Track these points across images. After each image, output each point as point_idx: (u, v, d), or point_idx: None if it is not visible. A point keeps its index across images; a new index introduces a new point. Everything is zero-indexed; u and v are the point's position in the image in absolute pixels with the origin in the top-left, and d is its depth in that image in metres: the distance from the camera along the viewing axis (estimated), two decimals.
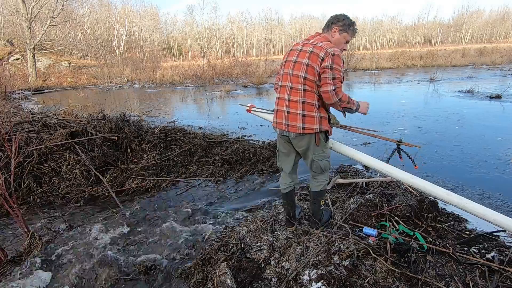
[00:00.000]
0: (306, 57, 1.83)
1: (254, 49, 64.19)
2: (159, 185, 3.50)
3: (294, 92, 1.88)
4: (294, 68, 1.88)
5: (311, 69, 1.81)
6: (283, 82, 1.95)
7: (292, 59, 1.91)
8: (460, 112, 6.48)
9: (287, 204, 2.25)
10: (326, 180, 2.13)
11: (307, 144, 1.95)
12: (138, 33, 48.14)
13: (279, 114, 1.97)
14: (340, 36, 1.94)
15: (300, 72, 1.85)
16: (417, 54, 23.18)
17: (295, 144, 1.99)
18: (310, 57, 1.82)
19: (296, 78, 1.86)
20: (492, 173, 3.46)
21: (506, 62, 18.78)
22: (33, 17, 17.89)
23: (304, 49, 1.87)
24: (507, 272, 1.63)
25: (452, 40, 65.55)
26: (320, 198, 2.16)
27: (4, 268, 2.05)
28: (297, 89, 1.87)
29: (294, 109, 1.88)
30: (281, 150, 2.15)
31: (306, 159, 2.06)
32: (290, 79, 1.90)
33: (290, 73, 1.90)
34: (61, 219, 2.75)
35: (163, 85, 16.31)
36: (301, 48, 1.90)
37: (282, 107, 1.94)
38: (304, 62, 1.83)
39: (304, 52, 1.86)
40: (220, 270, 1.77)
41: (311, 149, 1.97)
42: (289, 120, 1.90)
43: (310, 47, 1.85)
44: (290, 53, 1.95)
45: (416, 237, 1.97)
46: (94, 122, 4.16)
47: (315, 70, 1.80)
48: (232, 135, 5.10)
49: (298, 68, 1.85)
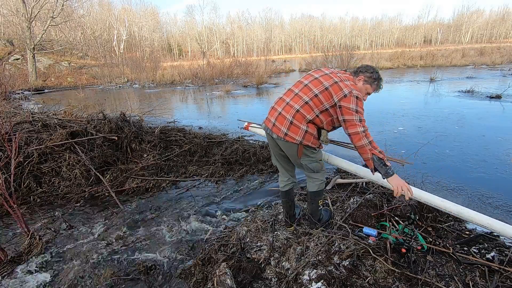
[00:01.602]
0: (329, 83, 1.82)
1: (254, 49, 64.21)
2: (159, 185, 3.50)
3: (297, 99, 1.88)
4: (311, 82, 1.88)
5: (327, 94, 1.80)
6: (292, 87, 1.97)
7: (314, 76, 1.91)
8: (460, 112, 6.48)
9: (285, 202, 2.25)
10: (322, 180, 2.10)
11: (291, 151, 1.94)
12: (138, 33, 48.17)
13: (271, 112, 1.98)
14: (363, 86, 1.94)
15: (315, 88, 1.84)
16: (417, 54, 23.18)
17: (281, 145, 1.98)
18: (332, 86, 1.80)
19: (307, 90, 1.86)
20: (492, 173, 3.46)
21: (506, 62, 18.78)
22: (33, 17, 17.89)
23: (331, 76, 1.86)
24: (507, 272, 1.63)
25: (452, 40, 65.58)
26: (317, 198, 2.14)
27: (4, 268, 2.05)
28: (301, 98, 1.86)
29: (286, 112, 1.88)
30: (272, 149, 2.13)
31: (294, 162, 2.07)
32: (301, 88, 1.90)
33: (304, 84, 1.91)
34: (61, 219, 2.75)
35: (163, 85, 16.31)
36: (328, 73, 1.89)
37: (278, 106, 1.95)
38: (325, 84, 1.82)
39: (330, 78, 1.84)
40: (220, 270, 1.77)
41: (296, 156, 1.96)
42: (277, 121, 1.90)
43: (337, 78, 1.84)
44: (305, 76, 1.97)
45: (416, 237, 1.97)
46: (94, 122, 4.16)
47: (331, 98, 1.78)
48: (232, 135, 5.10)
49: (316, 85, 1.85)
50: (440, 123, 5.74)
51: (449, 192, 3.06)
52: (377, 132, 5.36)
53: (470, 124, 5.58)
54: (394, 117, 6.39)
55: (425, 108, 7.26)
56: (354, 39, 71.16)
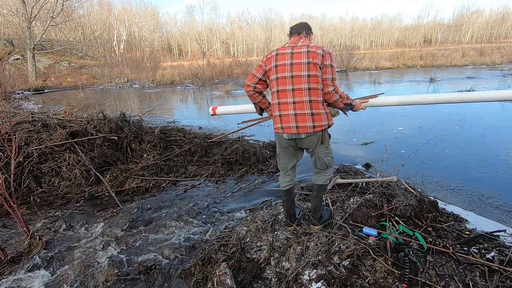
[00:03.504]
0: (304, 57, 1.86)
1: (254, 49, 64.20)
2: (159, 185, 3.50)
3: (298, 92, 1.88)
4: (292, 70, 1.88)
5: (313, 65, 1.85)
6: (281, 87, 1.93)
7: (285, 63, 1.90)
8: (460, 112, 6.48)
9: (286, 201, 2.25)
10: (330, 175, 2.16)
11: (315, 142, 1.99)
12: (138, 33, 48.17)
13: (284, 119, 1.94)
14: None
15: (301, 72, 1.86)
16: (417, 54, 23.18)
17: (303, 143, 2.01)
18: (308, 55, 1.85)
19: (299, 79, 1.87)
20: (492, 173, 3.46)
21: (506, 62, 18.78)
22: (33, 17, 17.89)
23: (298, 51, 1.89)
24: (507, 272, 1.63)
25: (452, 40, 65.56)
26: (322, 192, 2.18)
27: (4, 268, 2.05)
28: (301, 89, 1.88)
29: (302, 109, 1.89)
30: (283, 153, 2.14)
31: (312, 156, 2.11)
32: (290, 81, 1.89)
33: (289, 76, 1.89)
34: (61, 219, 2.75)
35: (163, 85, 16.31)
36: (292, 51, 1.91)
37: (287, 111, 1.92)
38: (304, 61, 1.86)
39: (299, 54, 1.88)
40: (220, 270, 1.77)
41: (318, 147, 2.02)
42: (298, 122, 1.91)
43: (304, 48, 1.89)
44: (279, 58, 1.93)
45: (416, 237, 1.97)
46: (94, 122, 4.16)
47: (317, 66, 1.85)
48: (232, 135, 5.10)
49: (298, 69, 1.87)
50: (440, 123, 5.74)
51: (449, 192, 3.06)
52: (377, 132, 5.36)
53: (470, 124, 5.58)
54: (394, 117, 6.39)
55: (425, 108, 7.25)
56: (354, 39, 71.14)
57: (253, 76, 2.02)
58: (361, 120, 6.25)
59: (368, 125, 5.84)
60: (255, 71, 2.02)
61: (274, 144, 4.62)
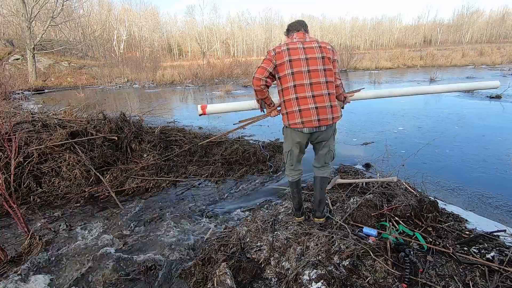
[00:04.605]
0: (317, 52, 1.93)
1: (254, 49, 64.19)
2: (159, 185, 3.49)
3: (317, 86, 1.92)
4: (309, 64, 1.91)
5: (327, 60, 1.94)
6: (298, 81, 1.92)
7: (300, 57, 1.91)
8: (460, 112, 6.48)
9: (297, 192, 2.29)
10: (332, 168, 2.28)
11: (330, 134, 2.06)
12: (138, 33, 48.16)
13: (305, 113, 1.93)
14: None
15: (318, 66, 1.92)
16: (417, 54, 23.17)
17: (319, 137, 2.04)
18: (321, 50, 1.94)
19: (316, 73, 1.92)
20: (492, 173, 3.46)
21: (506, 62, 18.77)
22: (33, 17, 17.88)
23: (309, 46, 1.94)
24: (507, 272, 1.63)
25: (452, 41, 65.55)
26: (326, 185, 2.30)
27: (4, 268, 2.05)
28: (319, 83, 1.92)
29: (322, 102, 1.93)
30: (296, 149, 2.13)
31: (324, 148, 2.12)
32: (307, 76, 1.91)
33: (305, 70, 1.91)
34: (61, 219, 2.75)
35: (163, 85, 16.31)
36: (303, 46, 1.94)
37: (306, 105, 1.92)
38: (318, 56, 1.92)
39: (312, 49, 1.93)
40: (220, 270, 1.77)
41: (331, 138, 2.10)
42: (320, 115, 1.93)
43: (314, 43, 1.96)
44: (292, 52, 1.92)
45: (416, 237, 1.97)
46: (94, 122, 4.16)
47: (330, 59, 1.96)
48: (232, 135, 5.10)
49: (314, 63, 1.92)
50: (440, 123, 5.74)
51: (449, 192, 3.06)
52: (377, 132, 5.36)
53: (470, 124, 5.58)
54: (394, 117, 6.39)
55: (425, 108, 7.26)
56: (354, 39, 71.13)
57: (263, 69, 1.94)
58: (361, 120, 6.25)
59: (368, 125, 5.84)
60: (264, 64, 1.95)
61: (274, 144, 4.62)
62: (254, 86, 2.00)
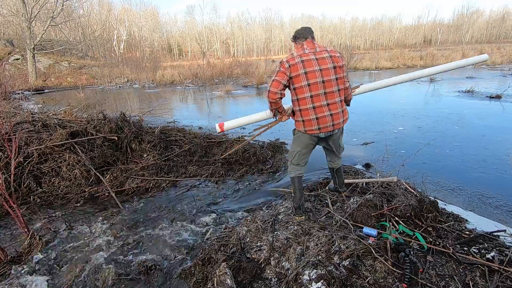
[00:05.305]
0: (329, 62, 2.07)
1: (254, 49, 64.20)
2: (159, 185, 3.49)
3: (330, 95, 2.10)
4: (323, 75, 2.06)
5: (338, 69, 2.09)
6: (314, 92, 2.07)
7: (314, 69, 2.05)
8: (460, 112, 6.48)
9: (298, 188, 2.37)
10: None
11: (339, 134, 2.31)
12: (138, 33, 48.17)
13: (322, 121, 2.12)
14: None
15: (331, 76, 2.07)
16: (417, 54, 23.17)
17: (332, 138, 2.27)
18: (332, 60, 2.08)
19: (330, 83, 2.08)
20: (492, 173, 3.46)
21: (506, 62, 18.77)
22: (33, 17, 17.87)
23: (321, 57, 2.07)
24: (507, 272, 1.63)
25: (452, 41, 65.54)
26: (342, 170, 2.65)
27: (4, 268, 2.05)
28: (332, 92, 2.10)
29: (335, 109, 2.13)
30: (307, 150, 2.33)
31: (333, 146, 2.36)
32: (322, 86, 2.07)
33: (320, 81, 2.06)
34: (61, 219, 2.75)
35: (163, 85, 16.30)
36: (316, 57, 2.07)
37: (323, 113, 2.11)
38: (330, 67, 2.07)
39: (324, 59, 2.07)
40: (220, 270, 1.77)
41: (340, 136, 2.35)
42: (334, 120, 2.14)
43: (325, 53, 2.09)
44: (306, 64, 2.05)
45: (416, 237, 1.97)
46: (94, 122, 4.16)
47: (341, 68, 2.11)
48: (232, 135, 5.10)
49: (328, 74, 2.06)
50: (440, 123, 5.73)
51: (449, 192, 3.06)
52: (377, 132, 5.36)
53: (470, 124, 5.57)
54: (394, 117, 6.39)
55: (425, 108, 7.26)
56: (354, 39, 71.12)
57: (278, 82, 2.06)
58: (361, 120, 6.25)
59: (368, 125, 5.84)
60: (279, 77, 2.06)
61: (274, 144, 4.63)
62: (270, 99, 2.12)
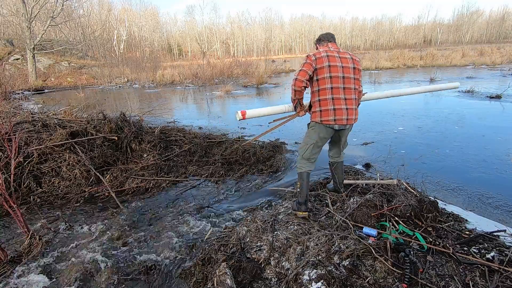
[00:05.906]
0: (351, 62, 2.26)
1: (254, 49, 64.20)
2: (159, 185, 3.49)
3: (348, 91, 2.24)
4: (344, 72, 2.22)
5: (357, 71, 2.29)
6: (334, 84, 2.21)
7: (337, 64, 2.21)
8: (460, 112, 6.48)
9: (306, 184, 2.40)
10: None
11: (348, 130, 2.44)
12: (138, 33, 48.18)
13: (338, 112, 2.23)
14: None
15: (350, 74, 2.25)
16: (417, 54, 23.16)
17: (342, 132, 2.40)
18: (353, 62, 2.27)
19: (349, 80, 2.24)
20: (492, 173, 3.46)
21: (506, 62, 18.77)
22: (33, 17, 17.87)
23: (343, 56, 2.26)
24: (507, 272, 1.63)
25: (452, 41, 65.55)
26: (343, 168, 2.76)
27: (4, 268, 2.05)
28: (350, 88, 2.25)
29: (351, 105, 2.26)
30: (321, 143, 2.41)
31: (341, 141, 2.52)
32: (342, 81, 2.22)
33: (341, 76, 2.21)
34: (61, 219, 2.75)
35: (163, 85, 16.30)
36: (339, 56, 2.25)
37: (340, 105, 2.22)
38: (351, 66, 2.25)
39: (346, 59, 2.26)
40: (220, 270, 1.77)
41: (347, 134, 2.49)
42: (349, 115, 2.25)
43: (347, 55, 2.28)
44: (330, 59, 2.20)
45: (416, 237, 1.97)
46: (94, 122, 4.16)
47: (359, 71, 2.31)
48: (232, 135, 5.10)
49: (348, 72, 2.24)
50: (440, 123, 5.73)
51: (449, 192, 3.06)
52: (377, 132, 5.36)
53: (470, 124, 5.57)
54: (394, 117, 6.39)
55: (425, 108, 7.26)
56: (354, 39, 71.19)
57: (305, 72, 2.19)
58: (361, 120, 6.23)
59: (368, 125, 5.84)
60: (305, 67, 2.19)
61: (275, 144, 4.62)
62: (296, 87, 2.24)
